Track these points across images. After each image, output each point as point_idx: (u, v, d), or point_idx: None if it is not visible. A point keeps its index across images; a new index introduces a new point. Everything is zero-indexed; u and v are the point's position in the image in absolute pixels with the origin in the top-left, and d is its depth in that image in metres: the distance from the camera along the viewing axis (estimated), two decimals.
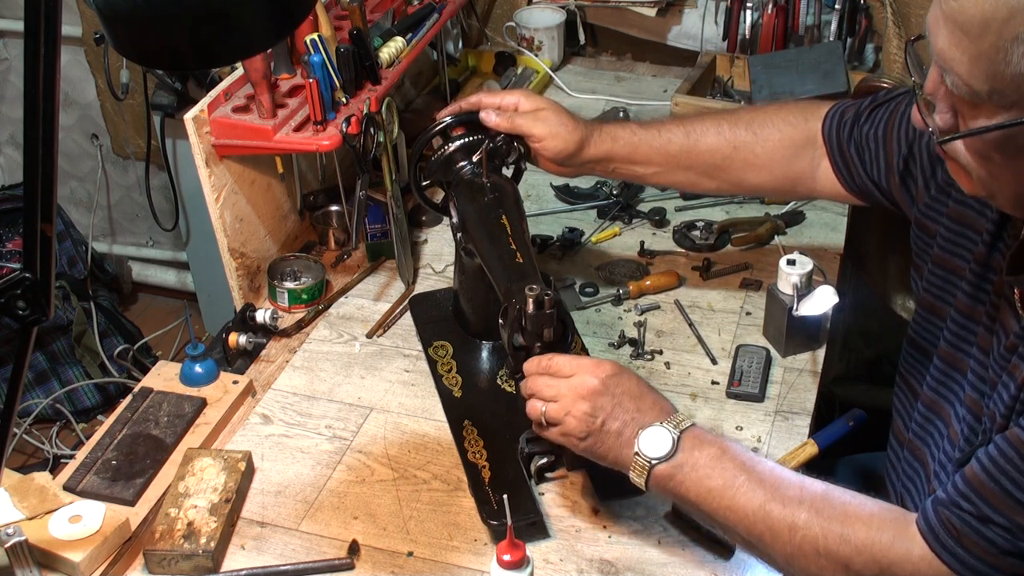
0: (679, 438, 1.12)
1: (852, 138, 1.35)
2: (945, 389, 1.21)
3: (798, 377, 1.50)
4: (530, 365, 1.19)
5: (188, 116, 1.52)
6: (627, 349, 1.55)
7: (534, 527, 1.26)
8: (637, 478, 1.13)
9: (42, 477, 1.30)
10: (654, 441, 1.12)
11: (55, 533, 1.23)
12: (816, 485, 1.10)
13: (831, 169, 1.39)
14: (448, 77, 2.13)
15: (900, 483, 1.31)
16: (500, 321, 1.20)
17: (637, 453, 1.12)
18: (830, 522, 1.06)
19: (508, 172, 1.48)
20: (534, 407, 1.17)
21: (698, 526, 1.25)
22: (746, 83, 2.11)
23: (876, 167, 1.32)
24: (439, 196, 1.55)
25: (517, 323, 1.17)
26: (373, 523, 1.29)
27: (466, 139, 1.43)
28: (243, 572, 1.23)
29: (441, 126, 1.45)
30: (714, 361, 1.52)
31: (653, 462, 1.11)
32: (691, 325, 1.59)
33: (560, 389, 1.15)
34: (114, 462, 1.37)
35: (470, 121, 1.43)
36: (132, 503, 1.32)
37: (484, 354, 1.49)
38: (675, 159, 1.42)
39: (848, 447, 1.43)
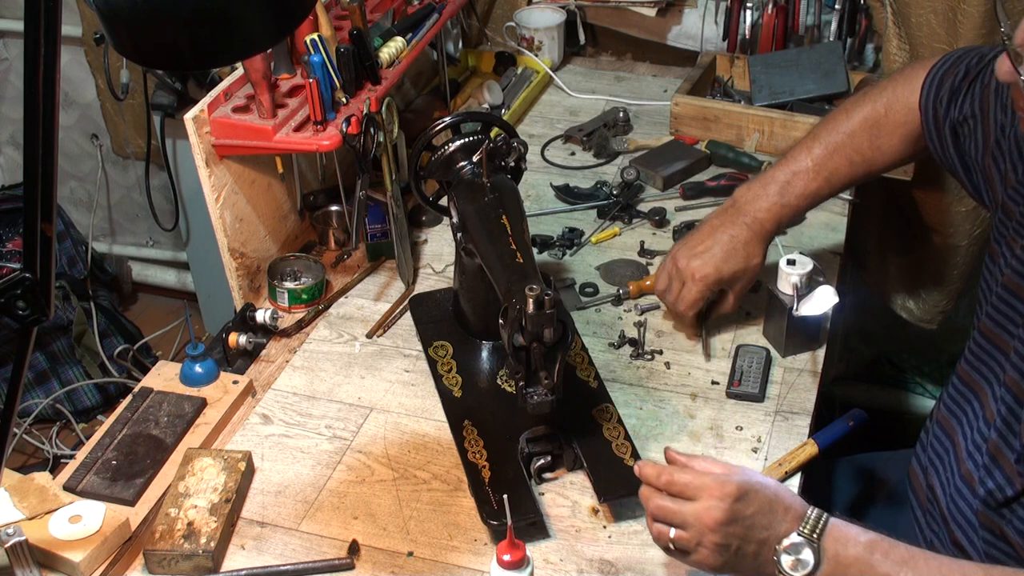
0: (820, 546, 1.05)
1: (948, 117, 1.32)
2: (983, 366, 1.19)
3: (798, 377, 1.50)
4: (647, 472, 1.12)
5: (188, 116, 1.52)
6: (627, 349, 1.55)
7: (534, 527, 1.26)
8: None
9: (42, 477, 1.30)
10: (795, 557, 1.06)
11: (55, 533, 1.23)
12: (976, 571, 1.04)
13: (924, 139, 1.39)
14: (448, 77, 2.13)
15: (926, 457, 1.29)
16: (500, 321, 1.20)
17: (780, 572, 1.07)
18: None
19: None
20: (661, 533, 1.10)
21: None
22: (746, 83, 2.11)
23: (974, 145, 1.29)
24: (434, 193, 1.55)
25: (517, 323, 1.17)
26: (373, 523, 1.29)
27: (466, 139, 1.44)
28: (243, 572, 1.23)
29: (446, 123, 1.45)
30: (708, 358, 1.52)
31: None
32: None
33: (686, 517, 1.07)
34: (114, 462, 1.37)
35: (476, 120, 1.44)
36: (132, 503, 1.32)
37: (484, 354, 1.49)
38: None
39: (848, 447, 1.43)
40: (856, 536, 1.06)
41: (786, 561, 1.06)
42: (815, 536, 1.05)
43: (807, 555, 1.05)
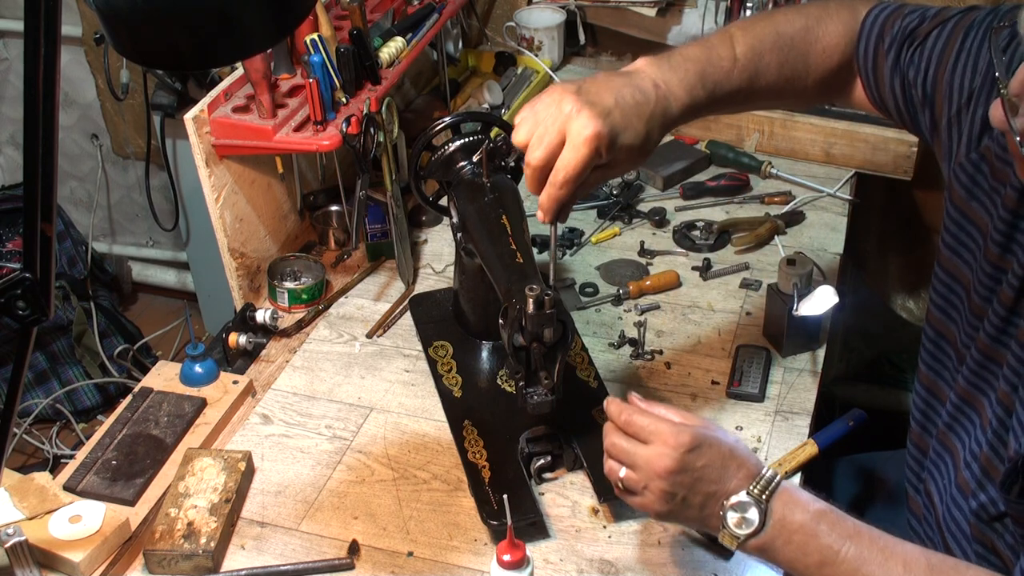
0: (767, 507, 1.05)
1: (897, 71, 1.23)
2: (982, 381, 1.18)
3: (798, 377, 1.50)
4: (611, 409, 1.12)
5: (188, 116, 1.52)
6: (627, 349, 1.55)
7: (534, 527, 1.26)
8: (728, 546, 1.08)
9: (42, 477, 1.30)
10: (740, 514, 1.06)
11: (55, 533, 1.23)
12: (920, 557, 1.03)
13: (864, 92, 1.30)
14: (448, 77, 2.13)
15: (927, 462, 1.29)
16: (500, 321, 1.20)
17: (724, 527, 1.06)
18: None
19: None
20: (611, 470, 1.11)
21: None
22: None
23: (927, 113, 1.21)
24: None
25: (517, 323, 1.17)
26: (373, 523, 1.29)
27: (466, 139, 1.44)
28: (243, 572, 1.23)
29: (446, 123, 1.45)
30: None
31: (741, 538, 1.06)
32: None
33: (636, 459, 1.08)
34: (114, 462, 1.37)
35: (476, 120, 1.44)
36: (132, 503, 1.32)
37: (484, 354, 1.49)
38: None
39: (848, 447, 1.43)
40: (806, 503, 1.06)
41: (731, 518, 1.05)
42: (764, 497, 1.05)
43: (753, 514, 1.05)
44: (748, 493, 1.06)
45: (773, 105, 1.40)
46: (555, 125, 1.08)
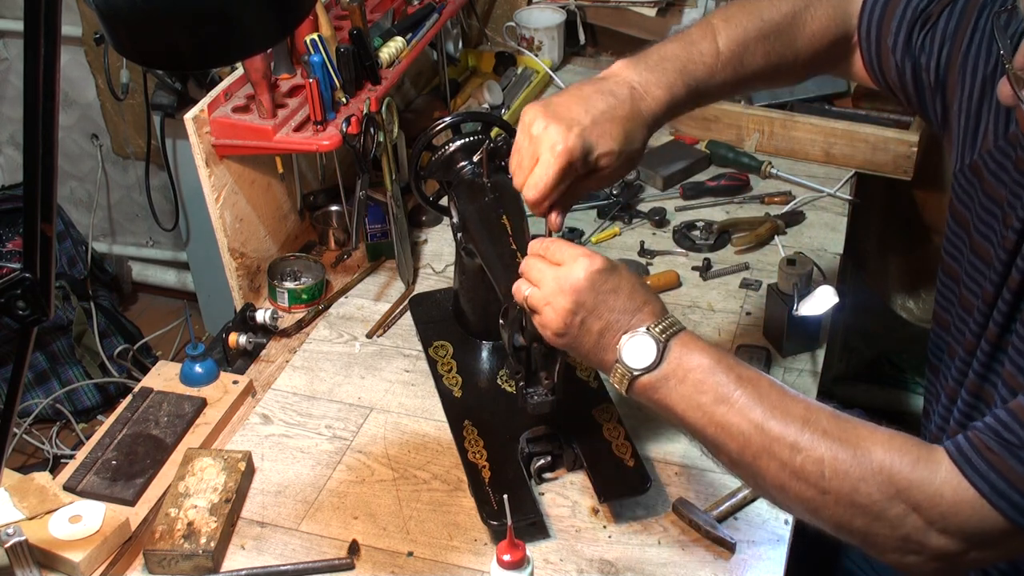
0: (666, 346, 1.02)
1: (908, 55, 1.20)
2: (991, 372, 1.17)
3: (798, 377, 1.50)
4: (533, 244, 1.11)
5: (188, 116, 1.52)
6: None
7: (534, 527, 1.26)
8: (617, 386, 1.05)
9: (42, 477, 1.30)
10: (637, 348, 1.02)
11: (55, 533, 1.23)
12: (824, 406, 1.01)
13: (865, 71, 1.27)
14: (448, 77, 2.13)
15: None
16: (500, 321, 1.20)
17: (618, 360, 1.03)
18: (841, 443, 0.96)
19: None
20: (518, 289, 1.10)
21: (698, 526, 1.25)
22: None
23: (938, 99, 1.19)
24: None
25: (517, 323, 1.17)
26: (373, 523, 1.30)
27: (466, 139, 1.44)
28: (243, 572, 1.23)
29: (446, 123, 1.45)
30: None
31: (635, 372, 1.02)
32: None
33: (545, 276, 1.06)
34: (114, 462, 1.37)
35: (476, 120, 1.44)
36: (132, 503, 1.32)
37: (484, 354, 1.49)
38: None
39: None
40: (706, 347, 1.03)
41: (628, 350, 1.03)
42: (664, 337, 1.03)
43: (650, 349, 1.02)
44: (648, 330, 1.03)
45: (764, 88, 1.39)
46: (529, 149, 1.11)
